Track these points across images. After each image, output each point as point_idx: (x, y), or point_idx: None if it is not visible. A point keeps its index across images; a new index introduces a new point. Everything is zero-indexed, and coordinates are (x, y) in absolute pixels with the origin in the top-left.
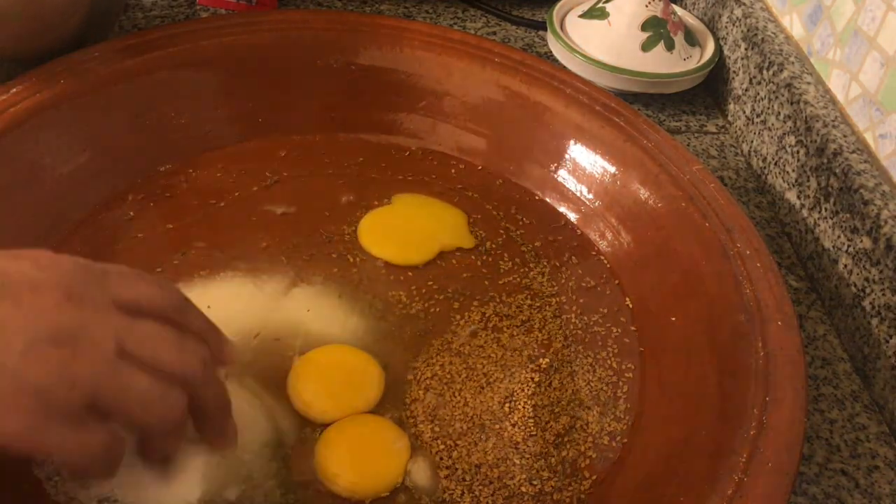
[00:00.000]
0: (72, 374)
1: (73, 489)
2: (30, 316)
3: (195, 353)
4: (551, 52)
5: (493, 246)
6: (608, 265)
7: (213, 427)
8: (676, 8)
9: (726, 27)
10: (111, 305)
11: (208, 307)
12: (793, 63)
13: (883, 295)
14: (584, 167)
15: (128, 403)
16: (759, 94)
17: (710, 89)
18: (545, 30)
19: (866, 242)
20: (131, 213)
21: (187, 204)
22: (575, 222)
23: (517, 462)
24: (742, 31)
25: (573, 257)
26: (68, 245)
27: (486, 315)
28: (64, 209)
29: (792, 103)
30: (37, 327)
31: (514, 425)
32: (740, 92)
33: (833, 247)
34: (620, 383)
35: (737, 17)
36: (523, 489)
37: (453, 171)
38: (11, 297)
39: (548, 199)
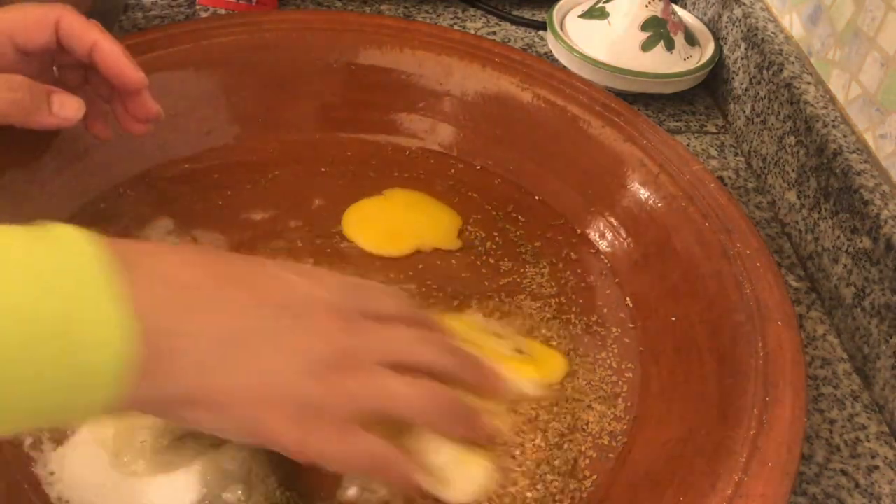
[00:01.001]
0: (350, 392)
1: (68, 490)
2: (313, 337)
3: (439, 343)
4: (551, 52)
5: (493, 246)
6: (608, 265)
7: (485, 387)
8: (676, 8)
9: (726, 27)
10: (367, 318)
11: None
12: (793, 63)
13: (883, 295)
14: (583, 167)
15: (403, 410)
16: (759, 94)
17: (710, 89)
18: (545, 30)
19: (866, 242)
20: (126, 209)
21: (184, 201)
22: (574, 222)
23: (518, 463)
24: (742, 31)
25: (573, 257)
26: None
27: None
28: (58, 204)
29: (792, 103)
30: (317, 349)
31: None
32: (740, 92)
33: (833, 247)
34: (620, 383)
35: (737, 17)
36: (527, 494)
37: (453, 170)
38: (299, 317)
39: (547, 199)
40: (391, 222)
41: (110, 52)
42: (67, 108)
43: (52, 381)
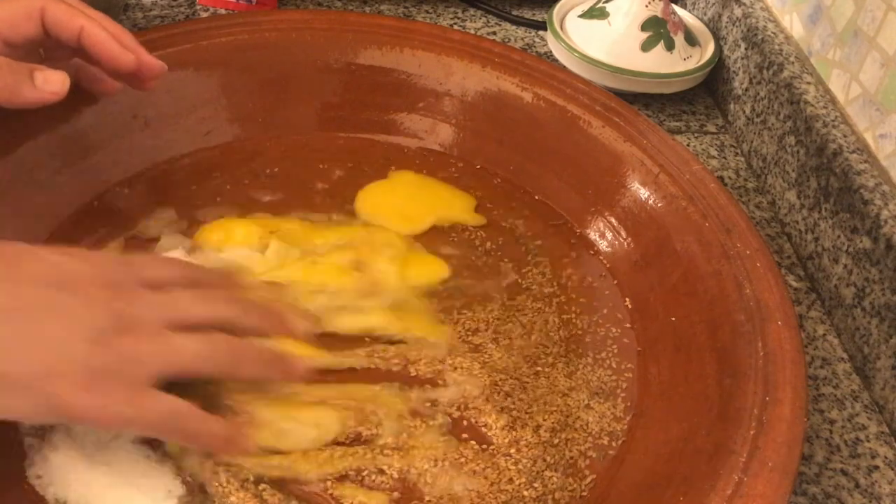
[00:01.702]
0: (136, 354)
1: (63, 491)
2: (88, 307)
3: (219, 298)
4: (551, 52)
5: (493, 246)
6: (608, 265)
7: (276, 328)
8: (676, 8)
9: (726, 27)
10: (144, 287)
11: None
12: (793, 63)
13: (883, 295)
14: (583, 167)
15: (191, 364)
16: (759, 93)
17: (710, 89)
18: (545, 30)
19: (866, 242)
20: (126, 207)
21: (184, 198)
22: (574, 222)
23: (514, 461)
24: (742, 31)
25: (573, 257)
26: (67, 233)
27: (486, 314)
28: (57, 204)
29: (792, 103)
30: (96, 317)
31: None
32: (740, 92)
33: (833, 247)
34: (620, 383)
35: (737, 17)
36: (524, 492)
37: (452, 170)
38: (69, 291)
39: (547, 199)
40: (406, 200)
41: (98, 38)
42: (52, 82)
43: None
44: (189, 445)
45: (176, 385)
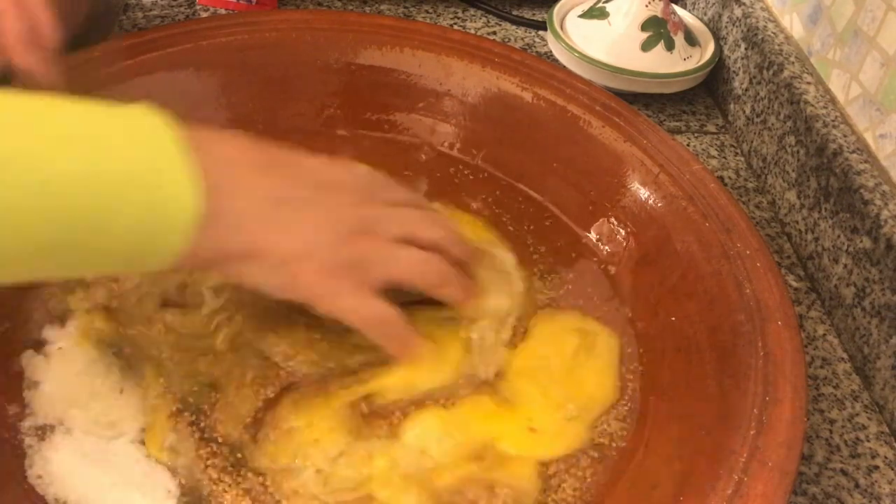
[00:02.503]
0: (370, 256)
1: (63, 491)
2: (341, 208)
3: (440, 225)
4: (551, 52)
5: None
6: (608, 265)
7: (473, 260)
8: (676, 8)
9: (726, 27)
10: (386, 202)
11: None
12: (793, 63)
13: (883, 295)
14: (583, 167)
15: (408, 275)
16: (759, 93)
17: (710, 89)
18: (545, 30)
19: (866, 242)
20: None
21: None
22: (574, 222)
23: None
24: (742, 31)
25: (572, 257)
26: None
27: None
28: None
29: (792, 103)
30: (345, 217)
31: None
32: (740, 92)
33: (833, 247)
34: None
35: (737, 17)
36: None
37: (452, 170)
38: (329, 192)
39: (547, 199)
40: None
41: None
42: None
43: (138, 228)
44: (382, 344)
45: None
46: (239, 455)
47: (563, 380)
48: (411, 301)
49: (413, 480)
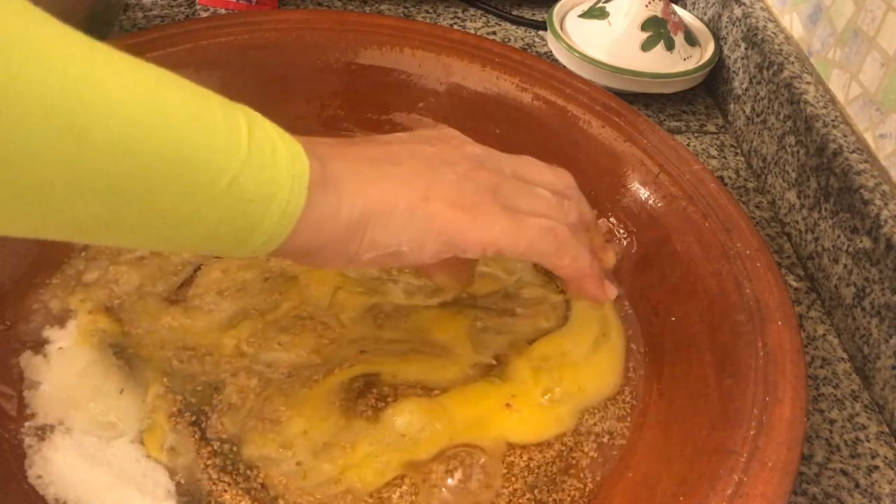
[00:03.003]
0: (505, 186)
1: (63, 491)
2: (457, 163)
3: (571, 209)
4: (551, 51)
5: None
6: (608, 265)
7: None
8: (676, 8)
9: (726, 27)
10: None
11: None
12: (793, 63)
13: (883, 295)
14: (583, 167)
15: (534, 233)
16: (759, 93)
17: (710, 89)
18: (545, 30)
19: (866, 242)
20: None
21: None
22: None
23: (513, 461)
24: (742, 31)
25: None
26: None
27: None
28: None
29: (792, 103)
30: (460, 158)
31: None
32: (740, 92)
33: (833, 246)
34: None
35: (737, 17)
36: (526, 494)
37: None
38: (429, 143)
39: None
40: None
41: None
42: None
43: (255, 189)
44: (568, 274)
45: None
46: (235, 449)
47: (565, 365)
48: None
49: (392, 462)
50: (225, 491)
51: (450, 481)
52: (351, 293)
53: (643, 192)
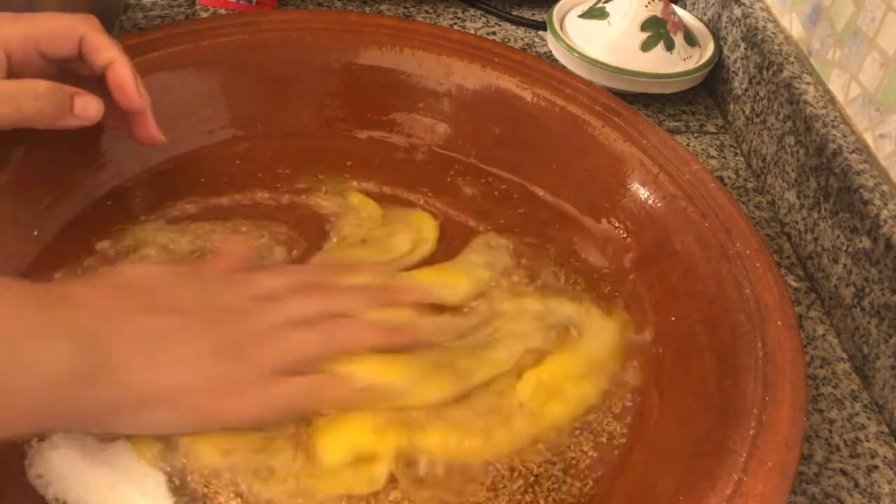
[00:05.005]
0: (261, 358)
1: (63, 491)
2: (209, 328)
3: (325, 292)
4: (551, 52)
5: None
6: (607, 265)
7: (392, 299)
8: (676, 8)
9: (726, 27)
10: (255, 300)
11: None
12: (792, 63)
13: (882, 295)
14: (583, 167)
15: (312, 352)
16: (758, 94)
17: (710, 89)
18: (545, 30)
19: (866, 242)
20: (127, 207)
21: (186, 197)
22: (574, 222)
23: (513, 461)
24: (742, 31)
25: (572, 257)
26: (68, 235)
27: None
28: (58, 205)
29: (791, 103)
30: (217, 336)
31: None
32: (740, 92)
33: (832, 246)
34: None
35: (736, 17)
36: (526, 494)
37: (451, 170)
38: (190, 316)
39: (547, 199)
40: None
41: (121, 74)
42: (89, 108)
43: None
44: (326, 409)
45: None
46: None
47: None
48: None
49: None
50: (218, 493)
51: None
52: None
53: (643, 192)
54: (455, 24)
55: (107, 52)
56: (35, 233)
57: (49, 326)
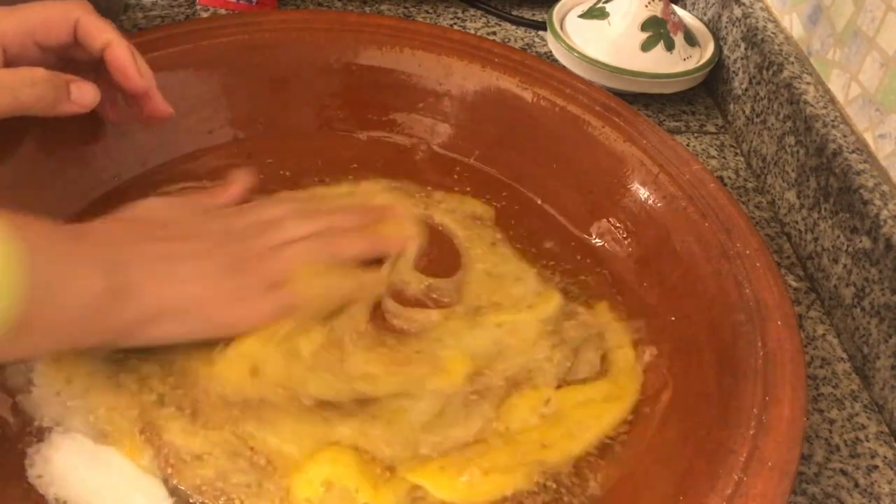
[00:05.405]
0: (259, 272)
1: (63, 491)
2: (215, 249)
3: (318, 215)
4: (551, 52)
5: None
6: (607, 265)
7: (379, 218)
8: (676, 8)
9: (726, 27)
10: (256, 224)
11: None
12: (792, 63)
13: (882, 295)
14: (583, 168)
15: (304, 261)
16: (758, 94)
17: (710, 89)
18: (545, 30)
19: (866, 242)
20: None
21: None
22: (574, 222)
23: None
24: (742, 31)
25: (572, 258)
26: None
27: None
28: (58, 206)
29: (791, 103)
30: (222, 255)
31: None
32: (740, 92)
33: (832, 246)
34: None
35: (737, 17)
36: (526, 495)
37: (451, 170)
38: (200, 240)
39: (547, 199)
40: None
41: (119, 55)
42: (85, 94)
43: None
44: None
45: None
46: None
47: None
48: None
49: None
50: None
51: None
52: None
53: (643, 192)
54: (455, 24)
55: (102, 35)
56: None
57: (78, 254)
